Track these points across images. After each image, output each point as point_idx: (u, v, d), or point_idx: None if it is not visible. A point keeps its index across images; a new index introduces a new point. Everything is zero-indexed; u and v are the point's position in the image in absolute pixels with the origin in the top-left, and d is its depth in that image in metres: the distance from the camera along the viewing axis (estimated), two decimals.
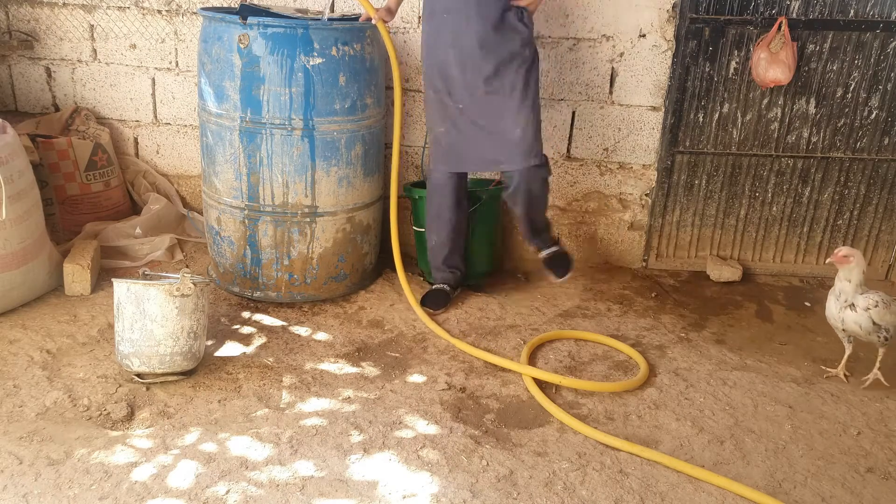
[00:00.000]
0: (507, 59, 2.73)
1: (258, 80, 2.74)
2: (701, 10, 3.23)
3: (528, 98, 2.79)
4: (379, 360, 2.63)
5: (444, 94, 2.82)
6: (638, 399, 2.48)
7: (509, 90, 2.76)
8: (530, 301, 3.18)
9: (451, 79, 2.78)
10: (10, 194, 2.63)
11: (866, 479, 2.13)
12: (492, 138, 2.82)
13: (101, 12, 3.45)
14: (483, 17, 2.68)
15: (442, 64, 2.78)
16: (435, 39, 2.78)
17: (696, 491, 2.04)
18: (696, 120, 3.39)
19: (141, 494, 1.90)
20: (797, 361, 2.79)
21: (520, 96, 2.77)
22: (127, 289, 2.33)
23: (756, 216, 3.55)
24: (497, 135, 2.81)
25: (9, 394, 2.28)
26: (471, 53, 2.71)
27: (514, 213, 3.06)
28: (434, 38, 2.79)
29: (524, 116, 2.79)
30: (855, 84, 3.32)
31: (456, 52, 2.73)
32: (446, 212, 3.00)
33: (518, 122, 2.79)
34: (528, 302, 3.18)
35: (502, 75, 2.74)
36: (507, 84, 2.75)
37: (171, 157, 3.68)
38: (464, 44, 2.71)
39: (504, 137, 2.81)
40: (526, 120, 2.80)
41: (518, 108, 2.78)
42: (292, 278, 3.00)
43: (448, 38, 2.73)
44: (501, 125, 2.80)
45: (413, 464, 2.08)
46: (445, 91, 2.81)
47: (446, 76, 2.79)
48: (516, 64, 2.74)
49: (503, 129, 2.80)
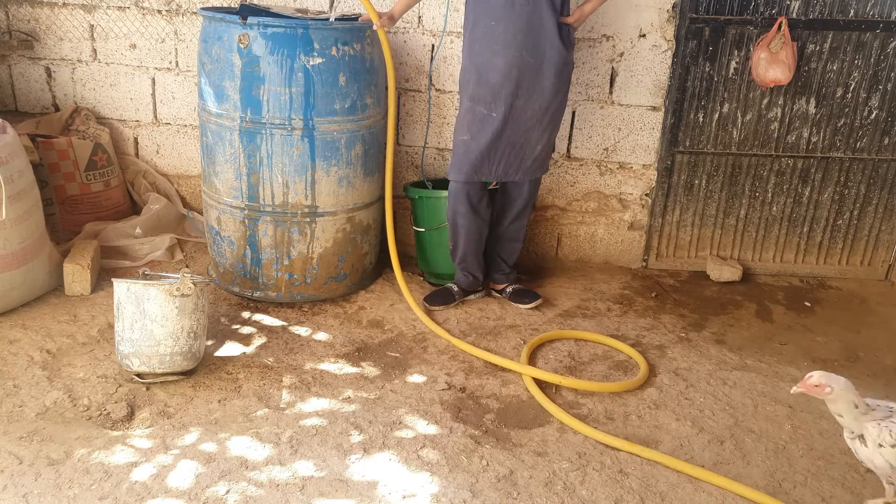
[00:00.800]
0: (550, 74, 2.76)
1: (258, 80, 2.74)
2: (701, 10, 3.23)
3: (557, 116, 2.88)
4: (379, 360, 2.63)
5: (479, 101, 2.79)
6: (638, 399, 2.48)
7: (546, 104, 2.80)
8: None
9: (492, 86, 2.75)
10: (10, 194, 2.63)
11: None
12: (514, 150, 2.86)
13: (101, 12, 3.45)
14: (533, 30, 2.68)
15: (484, 71, 2.74)
16: (480, 47, 2.74)
17: (696, 491, 2.04)
18: (696, 120, 3.39)
19: (141, 494, 1.90)
20: (797, 361, 2.79)
21: (552, 113, 2.84)
22: (127, 289, 2.33)
23: (756, 216, 3.55)
24: (519, 147, 2.86)
25: (9, 394, 2.28)
26: (515, 63, 2.70)
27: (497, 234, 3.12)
28: (478, 46, 2.74)
29: (549, 134, 2.89)
30: (855, 84, 3.32)
31: (500, 61, 2.71)
32: (460, 218, 2.99)
33: (542, 138, 2.88)
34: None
35: (542, 89, 2.77)
36: (546, 98, 2.79)
37: (171, 157, 3.68)
38: (509, 53, 2.69)
39: (525, 150, 2.87)
40: (549, 137, 2.91)
41: (547, 124, 2.86)
42: (292, 278, 3.00)
43: (494, 47, 2.71)
44: (526, 138, 2.85)
45: (413, 464, 2.08)
46: (481, 98, 2.78)
47: (487, 83, 2.75)
48: (556, 80, 2.77)
49: (526, 141, 2.86)
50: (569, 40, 2.78)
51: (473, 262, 3.09)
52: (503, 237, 3.13)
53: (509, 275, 3.18)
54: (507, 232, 3.12)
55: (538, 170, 2.97)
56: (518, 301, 3.11)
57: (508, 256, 3.17)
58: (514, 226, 3.11)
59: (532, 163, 2.91)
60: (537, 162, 2.93)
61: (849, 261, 3.62)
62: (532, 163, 2.91)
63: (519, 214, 3.08)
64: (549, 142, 2.93)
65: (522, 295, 3.12)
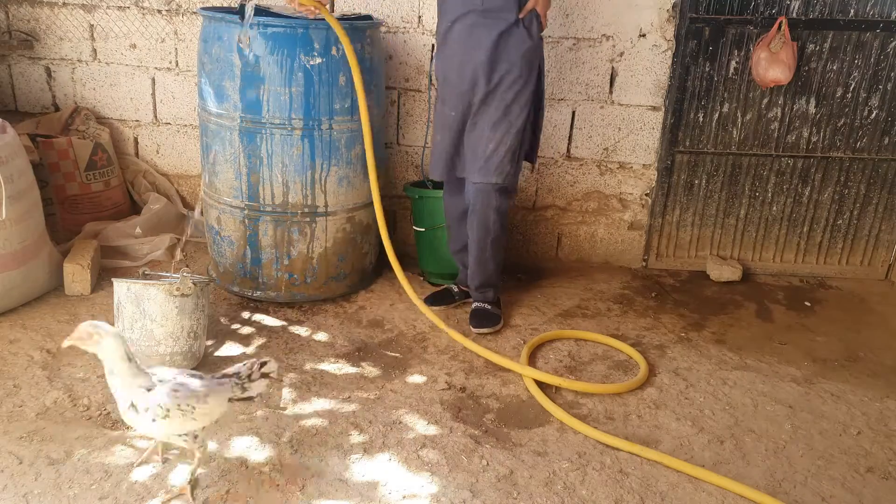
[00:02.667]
0: (508, 71, 2.65)
1: (258, 79, 2.74)
2: (701, 10, 3.23)
3: (511, 114, 2.68)
4: (379, 360, 2.63)
5: (441, 100, 2.81)
6: (638, 399, 2.48)
7: (499, 103, 2.68)
8: (530, 301, 3.18)
9: (450, 84, 2.75)
10: (9, 194, 2.63)
11: (866, 479, 2.13)
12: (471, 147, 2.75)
13: (101, 12, 3.45)
14: (488, 28, 2.62)
15: (445, 70, 2.75)
16: (442, 47, 2.75)
17: (696, 490, 2.04)
18: (696, 120, 3.39)
19: (141, 494, 1.90)
20: (797, 361, 2.79)
21: (505, 110, 2.67)
22: (127, 288, 2.33)
23: (756, 216, 3.55)
24: (473, 145, 2.73)
25: (9, 393, 2.28)
26: (475, 65, 2.65)
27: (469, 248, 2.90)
28: (441, 45, 2.76)
29: (501, 132, 2.68)
30: (855, 84, 3.32)
31: (458, 61, 2.69)
32: (447, 217, 3.01)
33: (493, 136, 2.68)
34: (528, 301, 3.18)
35: (498, 87, 2.66)
36: (499, 97, 2.67)
37: (171, 156, 3.68)
38: (467, 53, 2.66)
39: (477, 147, 2.72)
40: (502, 136, 2.68)
41: (498, 121, 2.68)
42: (292, 278, 3.00)
43: (454, 47, 2.70)
44: (477, 134, 2.72)
45: (413, 464, 2.08)
46: (444, 97, 2.79)
47: (446, 81, 2.76)
48: (513, 78, 2.65)
49: (477, 138, 2.72)
50: (531, 33, 2.65)
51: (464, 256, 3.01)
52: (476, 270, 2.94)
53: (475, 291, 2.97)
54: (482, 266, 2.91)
55: (488, 173, 2.71)
56: (471, 321, 2.89)
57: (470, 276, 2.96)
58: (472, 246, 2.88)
59: (483, 161, 2.71)
60: (489, 162, 2.70)
61: (849, 261, 3.62)
62: (483, 161, 2.71)
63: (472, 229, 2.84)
64: (503, 144, 2.69)
65: (479, 317, 2.89)
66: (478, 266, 2.90)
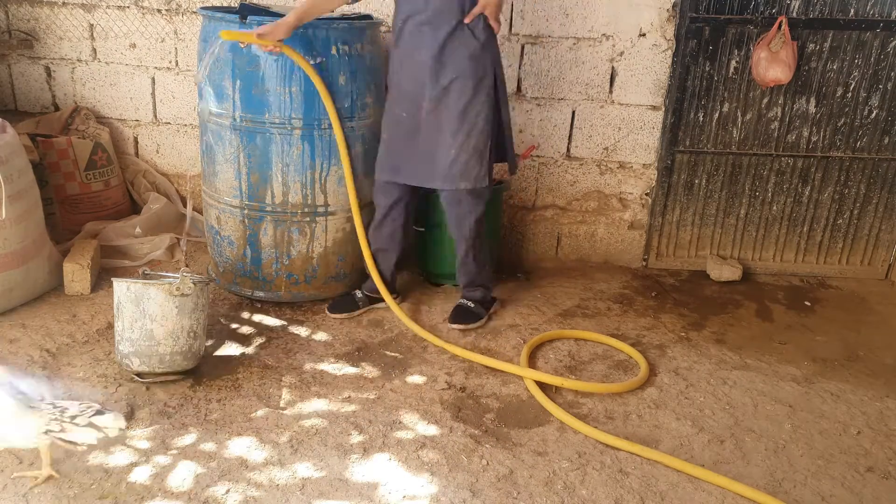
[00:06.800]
0: (456, 74, 2.61)
1: (258, 79, 2.74)
2: (701, 10, 3.23)
3: (469, 116, 2.63)
4: (379, 360, 2.63)
5: (392, 100, 2.78)
6: (638, 398, 2.48)
7: (454, 109, 2.62)
8: (530, 300, 3.18)
9: (400, 85, 2.72)
10: (9, 194, 2.63)
11: (866, 479, 2.13)
12: (427, 154, 2.70)
13: (101, 11, 3.45)
14: (436, 29, 2.59)
15: (395, 70, 2.74)
16: (394, 48, 2.74)
17: (696, 490, 2.05)
18: (697, 119, 3.39)
19: (141, 494, 1.90)
20: (797, 361, 2.79)
21: (460, 114, 2.62)
22: (127, 288, 2.33)
23: (756, 215, 3.55)
24: (431, 153, 2.69)
25: None
26: (421, 66, 2.63)
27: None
28: (393, 46, 2.74)
29: (461, 137, 2.64)
30: (855, 83, 3.32)
31: (408, 63, 2.67)
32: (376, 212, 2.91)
33: (454, 141, 2.64)
34: (528, 301, 3.17)
35: (449, 90, 2.62)
36: (452, 103, 2.63)
37: (171, 156, 3.68)
38: (416, 56, 2.64)
39: (437, 155, 2.68)
40: (463, 140, 2.64)
41: (458, 126, 2.63)
42: (292, 278, 2.99)
43: (404, 49, 2.68)
44: (438, 140, 2.68)
45: (413, 464, 2.08)
46: (394, 97, 2.76)
47: (397, 82, 2.74)
48: (463, 80, 2.61)
49: (438, 144, 2.67)
50: (475, 34, 2.60)
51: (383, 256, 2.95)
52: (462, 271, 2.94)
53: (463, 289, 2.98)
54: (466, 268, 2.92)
55: (456, 179, 2.67)
56: (450, 317, 2.91)
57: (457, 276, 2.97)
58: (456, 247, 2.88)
59: (447, 168, 2.66)
60: (452, 168, 2.65)
61: (849, 260, 3.62)
62: (447, 168, 2.66)
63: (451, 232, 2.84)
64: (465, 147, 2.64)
65: (457, 314, 2.90)
66: (461, 267, 2.93)
